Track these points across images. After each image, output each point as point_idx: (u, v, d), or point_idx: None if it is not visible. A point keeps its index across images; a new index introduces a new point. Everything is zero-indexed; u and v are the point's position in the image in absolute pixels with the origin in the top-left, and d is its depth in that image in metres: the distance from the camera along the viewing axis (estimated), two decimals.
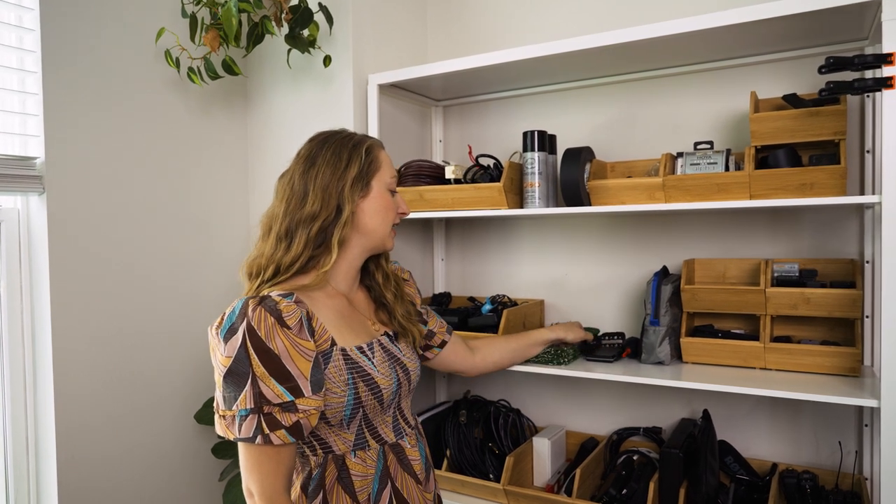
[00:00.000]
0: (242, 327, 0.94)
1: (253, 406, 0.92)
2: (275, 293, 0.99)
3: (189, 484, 1.95)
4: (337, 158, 1.07)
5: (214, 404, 0.98)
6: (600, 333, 1.74)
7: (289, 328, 0.96)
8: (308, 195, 1.05)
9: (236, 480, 1.82)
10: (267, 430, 0.92)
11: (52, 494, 1.61)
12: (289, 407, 0.94)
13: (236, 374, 0.93)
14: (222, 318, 0.97)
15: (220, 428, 0.96)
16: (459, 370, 1.41)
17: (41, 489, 1.64)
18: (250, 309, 0.95)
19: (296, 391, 0.94)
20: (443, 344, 1.34)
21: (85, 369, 1.68)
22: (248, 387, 0.92)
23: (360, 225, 1.09)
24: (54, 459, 1.60)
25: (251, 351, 0.93)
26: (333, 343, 1.01)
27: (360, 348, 1.05)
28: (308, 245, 1.04)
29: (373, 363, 1.05)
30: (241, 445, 0.96)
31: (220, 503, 2.02)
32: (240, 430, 0.93)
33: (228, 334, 0.95)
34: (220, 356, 0.95)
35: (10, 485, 1.61)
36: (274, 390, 0.93)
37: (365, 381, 1.03)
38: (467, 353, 1.41)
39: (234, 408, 0.93)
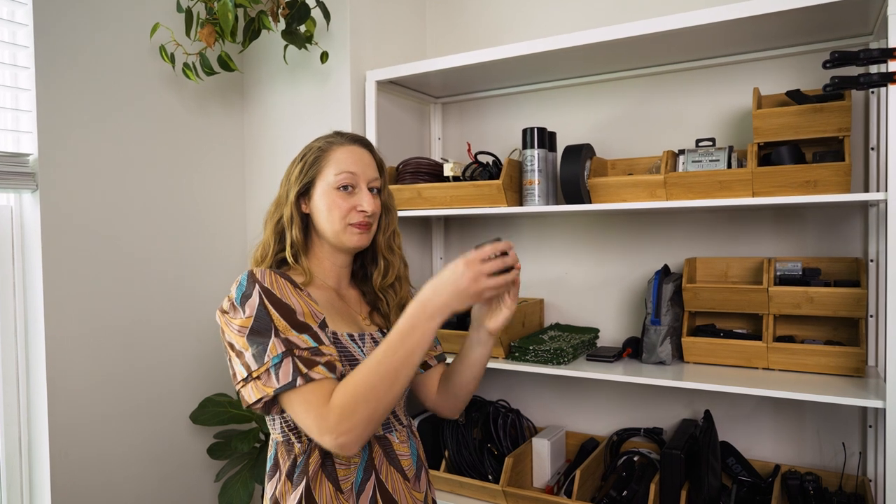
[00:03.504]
0: (257, 289, 0.97)
1: (284, 349, 0.93)
2: None
3: (184, 485, 1.93)
4: (293, 161, 1.12)
5: (241, 376, 0.96)
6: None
7: (300, 289, 1.01)
8: (275, 197, 1.13)
9: (232, 481, 1.80)
10: (304, 370, 0.92)
11: (45, 493, 1.59)
12: (316, 352, 0.95)
13: (259, 331, 0.94)
14: (230, 295, 0.99)
15: (255, 392, 0.94)
16: (432, 406, 1.21)
17: (34, 488, 1.63)
18: (258, 275, 0.99)
19: (317, 339, 0.97)
20: (425, 365, 1.22)
21: (78, 368, 1.66)
22: (273, 337, 0.94)
23: (315, 225, 1.10)
24: (47, 459, 1.58)
25: (269, 307, 0.96)
26: (325, 324, 1.01)
27: (350, 335, 1.06)
28: (272, 242, 1.09)
29: (362, 352, 1.05)
30: (285, 398, 0.93)
31: None
32: (278, 379, 0.92)
33: (244, 299, 0.96)
34: (240, 320, 0.96)
35: (2, 483, 1.60)
36: (299, 338, 0.95)
37: (352, 366, 1.01)
38: (438, 385, 1.20)
39: (266, 359, 0.93)
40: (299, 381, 0.92)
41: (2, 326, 1.59)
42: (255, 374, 0.94)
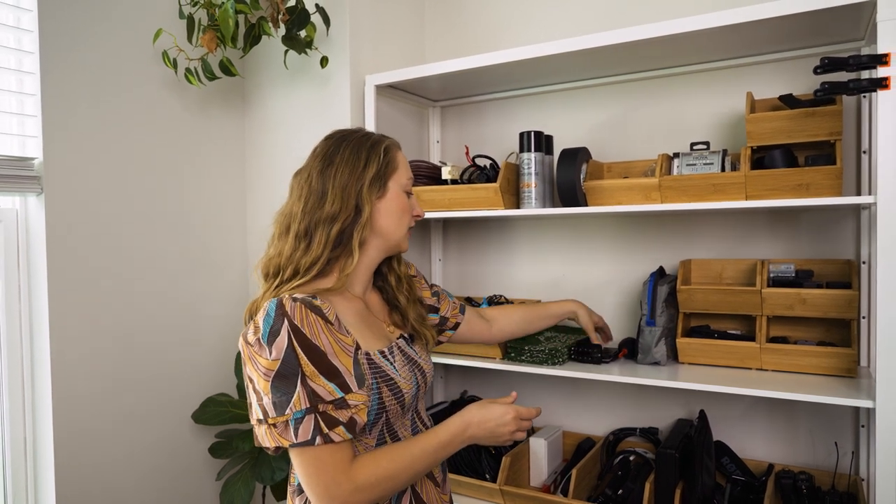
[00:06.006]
0: (285, 327, 0.91)
1: (308, 406, 0.90)
2: (298, 295, 0.96)
3: (186, 484, 1.96)
4: (355, 157, 1.05)
5: (256, 416, 0.93)
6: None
7: (331, 324, 0.95)
8: (327, 194, 1.02)
9: (233, 480, 1.82)
10: (326, 430, 0.90)
11: (50, 496, 1.61)
12: (341, 403, 0.92)
13: (285, 377, 0.90)
14: (256, 325, 0.94)
15: (268, 439, 0.91)
16: (477, 342, 1.44)
17: (39, 491, 1.65)
18: (288, 308, 0.92)
19: (344, 387, 0.93)
20: (456, 326, 1.33)
21: (83, 370, 1.68)
22: (299, 387, 0.90)
23: (376, 226, 1.06)
24: (52, 460, 1.61)
25: (298, 350, 0.91)
26: (358, 347, 0.99)
27: (382, 352, 1.04)
28: (327, 246, 1.01)
29: (395, 367, 1.04)
30: (297, 452, 0.91)
31: (217, 503, 2.02)
32: (297, 435, 0.89)
33: (272, 337, 0.91)
34: (265, 361, 0.91)
35: (8, 487, 1.62)
36: (325, 387, 0.91)
37: (388, 386, 1.01)
38: (483, 326, 1.40)
39: (288, 411, 0.89)
40: (318, 440, 0.89)
41: (7, 329, 1.61)
42: (271, 422, 0.91)
